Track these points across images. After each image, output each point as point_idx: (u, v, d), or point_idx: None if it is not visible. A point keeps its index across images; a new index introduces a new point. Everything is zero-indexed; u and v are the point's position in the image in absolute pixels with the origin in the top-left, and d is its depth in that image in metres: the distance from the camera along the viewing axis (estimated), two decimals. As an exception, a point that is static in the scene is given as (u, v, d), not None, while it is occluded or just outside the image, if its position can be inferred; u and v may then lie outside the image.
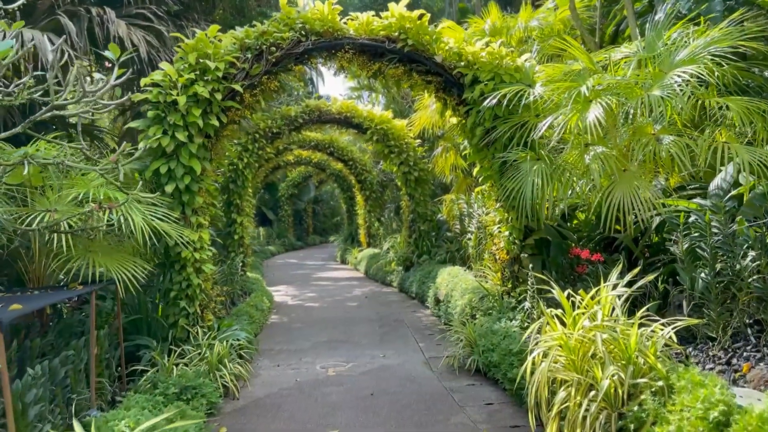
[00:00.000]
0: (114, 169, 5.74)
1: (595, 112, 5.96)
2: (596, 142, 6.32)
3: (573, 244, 7.15)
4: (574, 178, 6.60)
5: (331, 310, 10.96)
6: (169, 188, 6.71)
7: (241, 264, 12.75)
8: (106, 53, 4.02)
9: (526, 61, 7.29)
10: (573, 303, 4.87)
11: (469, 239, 11.02)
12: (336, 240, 26.47)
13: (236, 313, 9.02)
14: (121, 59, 4.21)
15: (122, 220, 5.55)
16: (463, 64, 7.33)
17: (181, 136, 6.58)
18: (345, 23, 7.44)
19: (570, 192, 7.18)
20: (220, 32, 7.02)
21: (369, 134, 13.29)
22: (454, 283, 9.19)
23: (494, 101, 6.81)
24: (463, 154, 9.04)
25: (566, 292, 4.97)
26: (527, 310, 6.95)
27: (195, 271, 6.97)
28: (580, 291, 4.86)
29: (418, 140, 13.80)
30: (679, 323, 4.31)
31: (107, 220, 5.42)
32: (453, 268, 10.31)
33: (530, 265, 6.86)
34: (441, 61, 7.35)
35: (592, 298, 4.76)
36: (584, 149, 6.33)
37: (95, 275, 5.50)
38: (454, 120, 8.29)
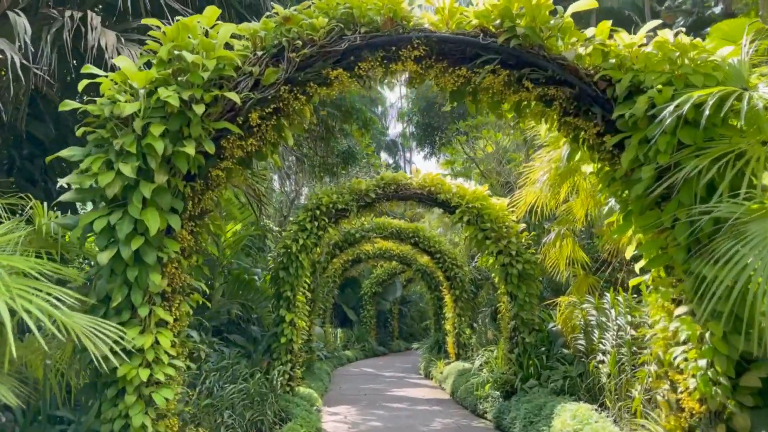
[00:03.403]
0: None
1: None
2: None
3: None
4: None
5: (395, 455, 7.59)
6: (104, 257, 3.99)
7: (286, 377, 9.81)
8: None
9: (730, 56, 4.14)
10: None
11: (602, 362, 7.48)
12: (420, 348, 22.90)
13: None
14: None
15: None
16: (612, 62, 4.32)
17: (127, 170, 3.92)
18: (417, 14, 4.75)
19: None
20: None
21: (458, 214, 10.28)
22: (585, 436, 5.66)
23: (679, 112, 3.68)
24: (606, 224, 5.80)
25: None
26: None
27: (141, 401, 4.06)
28: None
29: (522, 225, 10.63)
30: None
31: None
32: (579, 408, 6.75)
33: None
34: (572, 60, 4.40)
35: None
36: None
37: None
38: (587, 168, 5.18)
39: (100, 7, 6.96)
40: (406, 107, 22.80)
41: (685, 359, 4.23)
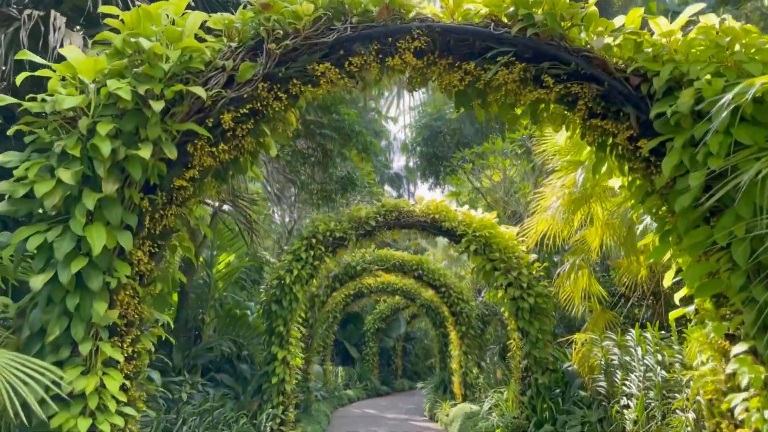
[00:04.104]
0: None
1: None
2: None
3: None
4: None
5: None
6: (38, 281, 3.29)
7: (278, 421, 8.98)
8: None
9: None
10: None
11: (626, 406, 6.68)
12: (424, 387, 21.80)
13: None
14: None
15: None
16: (647, 51, 3.67)
17: (67, 177, 3.25)
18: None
19: None
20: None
21: (464, 243, 9.55)
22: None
23: (737, 103, 3.00)
24: (639, 247, 5.08)
25: None
26: None
27: (80, 461, 3.30)
28: None
29: (533, 255, 9.89)
30: None
31: None
32: (605, 460, 5.92)
33: None
34: (599, 51, 3.76)
35: None
36: None
37: None
38: (615, 182, 4.49)
39: (74, 14, 6.40)
40: (410, 137, 22.32)
41: (746, 409, 3.45)
